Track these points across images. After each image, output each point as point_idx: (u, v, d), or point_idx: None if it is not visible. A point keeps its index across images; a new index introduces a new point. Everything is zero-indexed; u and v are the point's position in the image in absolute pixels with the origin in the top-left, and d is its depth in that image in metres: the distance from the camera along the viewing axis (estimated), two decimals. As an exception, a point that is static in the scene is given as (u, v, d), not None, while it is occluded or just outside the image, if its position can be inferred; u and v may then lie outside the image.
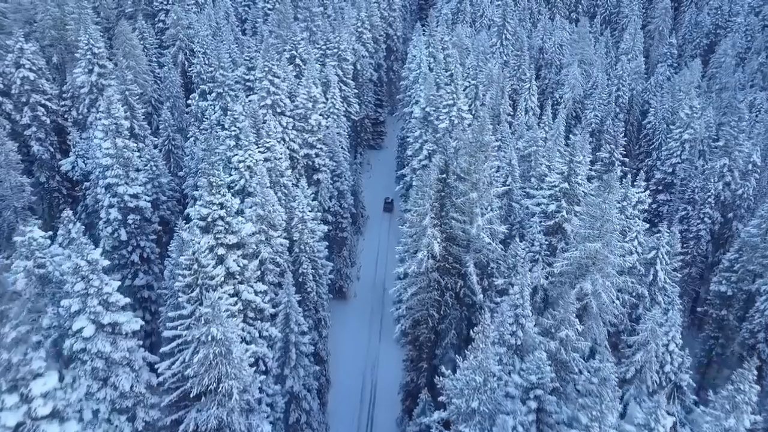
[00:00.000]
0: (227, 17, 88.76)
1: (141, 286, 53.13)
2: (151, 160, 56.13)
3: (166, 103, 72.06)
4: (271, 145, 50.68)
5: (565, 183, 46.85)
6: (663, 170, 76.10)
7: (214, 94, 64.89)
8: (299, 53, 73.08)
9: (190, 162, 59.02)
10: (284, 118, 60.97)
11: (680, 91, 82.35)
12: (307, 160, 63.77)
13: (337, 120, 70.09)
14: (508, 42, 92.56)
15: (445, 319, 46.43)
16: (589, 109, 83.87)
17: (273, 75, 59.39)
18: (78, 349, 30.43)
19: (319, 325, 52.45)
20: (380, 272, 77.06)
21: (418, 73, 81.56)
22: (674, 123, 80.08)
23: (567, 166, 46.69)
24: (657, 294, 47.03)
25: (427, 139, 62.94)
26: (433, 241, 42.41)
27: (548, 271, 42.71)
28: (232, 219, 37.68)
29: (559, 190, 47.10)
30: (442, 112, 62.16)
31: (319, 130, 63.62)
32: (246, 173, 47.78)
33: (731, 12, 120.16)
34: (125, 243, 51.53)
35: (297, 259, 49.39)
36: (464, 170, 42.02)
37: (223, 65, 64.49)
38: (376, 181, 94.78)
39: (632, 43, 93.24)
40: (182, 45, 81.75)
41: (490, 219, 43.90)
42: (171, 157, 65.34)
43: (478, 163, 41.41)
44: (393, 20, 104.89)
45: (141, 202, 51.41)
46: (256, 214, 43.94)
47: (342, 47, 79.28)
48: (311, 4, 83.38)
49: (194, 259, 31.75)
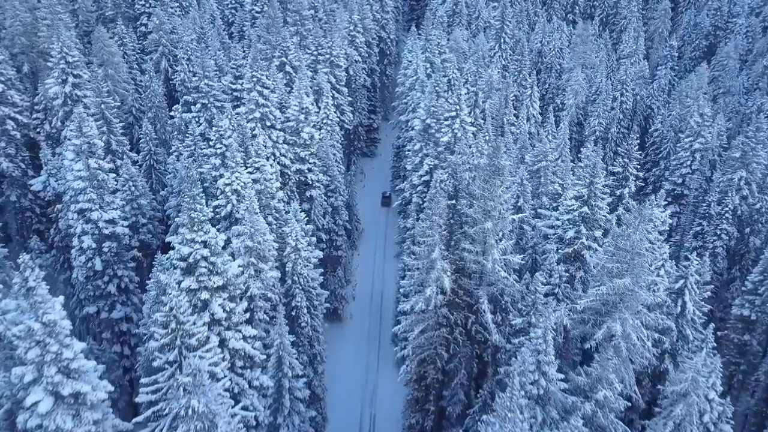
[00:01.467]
0: (213, 20, 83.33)
1: (119, 318, 47.97)
2: (130, 179, 50.87)
3: (147, 113, 66.70)
4: (260, 165, 45.55)
5: (585, 207, 42.08)
6: (672, 181, 71.70)
7: (198, 105, 59.55)
8: (289, 60, 67.85)
9: (173, 180, 53.81)
10: (274, 132, 55.85)
11: (687, 97, 77.92)
12: (299, 175, 58.68)
13: (330, 131, 65.04)
14: (506, 45, 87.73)
15: (454, 358, 41.59)
16: (593, 116, 79.35)
17: (262, 86, 54.22)
18: (33, 425, 25.28)
19: (315, 361, 47.48)
20: (377, 288, 72.20)
21: (415, 79, 76.56)
22: (682, 131, 75.73)
23: (587, 189, 41.92)
24: (685, 327, 42.37)
25: (428, 153, 57.97)
26: (443, 275, 37.51)
27: (570, 307, 37.94)
28: (217, 258, 32.61)
29: (578, 214, 42.35)
30: (444, 125, 57.22)
31: (311, 143, 58.54)
32: (233, 198, 42.65)
33: (731, 13, 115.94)
34: (100, 273, 46.31)
35: (289, 291, 44.37)
36: (477, 197, 37.12)
37: (208, 74, 59.18)
38: (370, 190, 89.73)
39: (635, 46, 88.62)
40: (165, 51, 76.28)
41: (505, 248, 39.08)
42: (153, 172, 60.07)
43: (493, 189, 36.52)
44: (386, 22, 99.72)
45: (118, 227, 46.19)
46: (245, 245, 38.86)
47: (335, 53, 74.11)
48: (301, 7, 78.09)
49: (172, 316, 26.62)
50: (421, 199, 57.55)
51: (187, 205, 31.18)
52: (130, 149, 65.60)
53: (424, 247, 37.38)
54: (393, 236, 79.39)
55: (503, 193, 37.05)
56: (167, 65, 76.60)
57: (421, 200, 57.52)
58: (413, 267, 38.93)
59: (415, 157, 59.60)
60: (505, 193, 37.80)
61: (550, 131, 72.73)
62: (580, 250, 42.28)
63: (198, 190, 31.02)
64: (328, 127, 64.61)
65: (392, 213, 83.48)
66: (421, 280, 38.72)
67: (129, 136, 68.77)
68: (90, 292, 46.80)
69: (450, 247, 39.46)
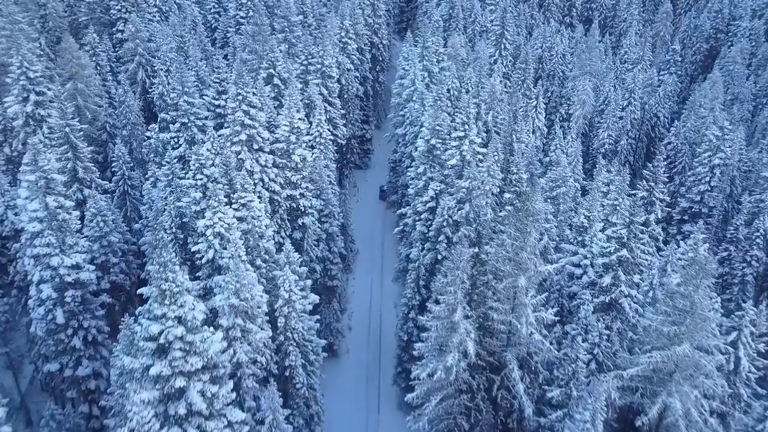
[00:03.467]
0: (194, 27, 76.00)
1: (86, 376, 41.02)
2: (99, 213, 43.75)
3: (122, 131, 59.50)
4: (247, 201, 38.69)
5: (624, 250, 35.70)
6: (689, 198, 65.65)
7: (177, 125, 52.56)
8: (278, 71, 60.89)
9: (148, 212, 46.80)
10: (263, 155, 49.00)
11: (701, 107, 71.97)
12: (290, 202, 51.90)
13: (324, 150, 58.22)
14: (507, 52, 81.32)
15: (475, 427, 35.08)
16: (602, 128, 73.13)
17: (248, 104, 47.29)
18: None
19: (312, 423, 40.80)
20: (375, 316, 65.58)
21: (413, 90, 69.93)
22: (697, 143, 69.75)
23: (626, 229, 35.54)
24: (738, 386, 36.23)
25: (433, 177, 51.32)
26: (467, 339, 30.97)
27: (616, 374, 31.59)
28: (195, 335, 25.81)
29: (615, 258, 35.98)
30: (451, 146, 50.63)
31: (303, 166, 51.77)
32: (215, 242, 35.75)
33: (732, 15, 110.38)
34: (63, 326, 39.34)
35: (282, 347, 37.66)
36: (506, 247, 30.62)
37: (188, 90, 52.18)
38: (364, 205, 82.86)
39: (641, 52, 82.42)
40: (142, 61, 68.96)
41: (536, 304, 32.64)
42: (127, 199, 52.91)
43: (525, 237, 30.04)
44: (378, 27, 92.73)
45: (83, 273, 39.20)
46: (229, 304, 32.11)
47: (326, 62, 67.18)
48: (289, 13, 71.10)
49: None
50: (427, 228, 51.01)
51: (157, 275, 24.38)
52: (104, 169, 58.63)
53: (444, 306, 30.81)
54: (390, 251, 73.12)
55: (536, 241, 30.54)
56: (145, 76, 69.32)
57: (427, 229, 51.00)
58: (431, 327, 32.31)
59: (419, 181, 52.97)
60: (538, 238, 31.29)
61: (558, 145, 66.51)
62: (618, 298, 35.94)
63: (170, 255, 24.20)
64: (321, 146, 57.80)
65: (388, 216, 77.95)
66: (440, 342, 32.18)
67: (103, 154, 61.83)
68: (51, 347, 39.82)
69: (472, 301, 32.95)
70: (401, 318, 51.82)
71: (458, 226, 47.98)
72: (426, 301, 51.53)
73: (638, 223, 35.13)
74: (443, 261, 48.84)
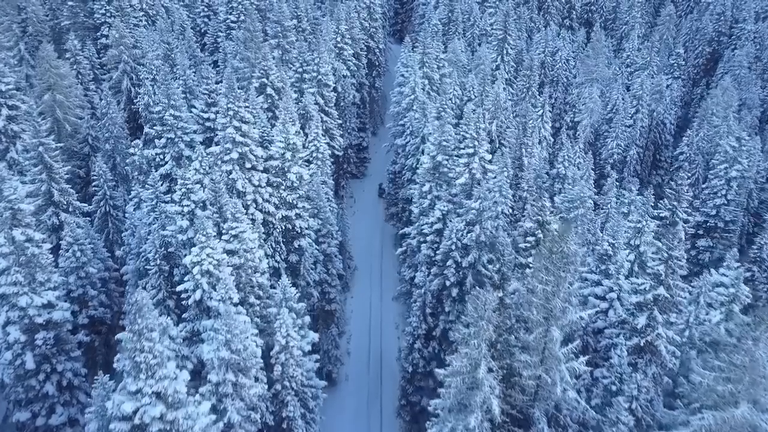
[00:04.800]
0: (183, 31, 71.33)
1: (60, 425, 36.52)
2: (75, 242, 39.24)
3: (105, 145, 54.92)
4: (238, 231, 34.24)
5: (661, 288, 31.55)
6: (705, 212, 61.74)
7: (163, 140, 48.03)
8: (271, 81, 56.36)
9: (130, 238, 42.30)
10: (256, 174, 44.52)
11: (714, 115, 68.04)
12: (285, 223, 47.47)
13: (321, 165, 53.80)
14: (509, 57, 77.04)
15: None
16: (611, 137, 69.04)
17: (240, 120, 42.76)
18: None
19: (312, 474, 36.55)
20: (375, 338, 61.24)
21: (413, 98, 65.54)
22: (709, 153, 65.89)
23: (663, 265, 31.41)
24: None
25: (440, 196, 47.02)
26: (491, 397, 26.73)
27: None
28: (177, 411, 21.44)
29: (651, 297, 31.83)
30: (459, 163, 46.35)
31: (300, 185, 47.36)
32: (203, 281, 31.29)
33: (734, 18, 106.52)
34: (34, 371, 34.84)
35: (278, 396, 33.32)
36: (537, 293, 26.38)
37: (175, 103, 47.65)
38: (362, 216, 78.37)
39: (648, 57, 78.32)
40: (127, 68, 64.23)
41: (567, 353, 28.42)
42: (109, 221, 48.47)
43: (559, 283, 25.83)
44: (374, 31, 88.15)
45: (56, 313, 34.73)
46: (219, 357, 27.72)
47: (322, 70, 62.65)
48: (283, 17, 66.50)
49: None
50: (433, 251, 46.72)
51: (131, 344, 19.99)
52: (87, 184, 54.08)
53: (467, 361, 26.50)
54: (389, 265, 69.00)
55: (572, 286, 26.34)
56: (130, 85, 64.61)
57: (433, 252, 46.69)
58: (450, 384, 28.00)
59: (423, 200, 48.66)
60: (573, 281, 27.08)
61: (566, 156, 62.34)
62: (654, 340, 31.82)
63: (147, 320, 19.79)
64: (319, 161, 53.38)
65: (387, 229, 74.46)
66: (460, 398, 27.87)
67: (85, 169, 57.27)
68: (21, 395, 35.33)
69: (495, 350, 28.72)
70: (406, 348, 47.57)
71: (468, 250, 43.78)
72: (433, 330, 47.40)
73: (677, 258, 31.05)
74: (451, 288, 44.85)
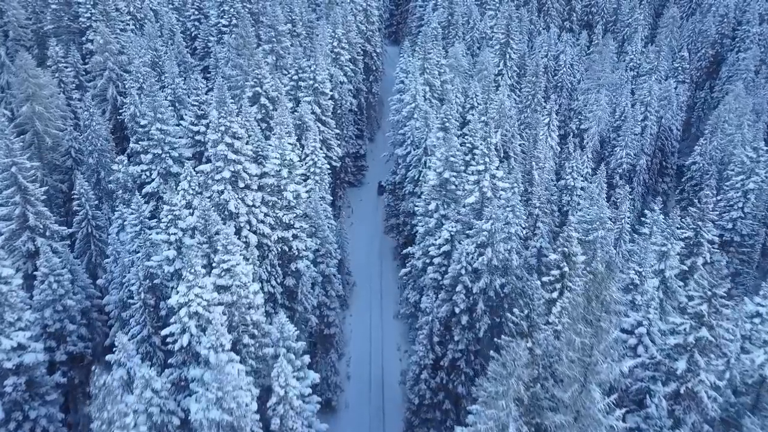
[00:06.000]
0: (172, 36, 67.35)
1: (35, 478, 32.74)
2: (51, 272, 35.37)
3: (88, 159, 50.99)
4: (231, 265, 30.48)
5: (703, 329, 28.05)
6: (720, 225, 58.33)
7: (150, 156, 44.18)
8: (265, 90, 52.60)
9: (113, 265, 38.49)
10: (250, 194, 40.74)
11: (726, 123, 64.71)
12: (281, 245, 43.74)
13: (319, 181, 50.08)
14: (512, 62, 73.48)
15: None
16: (620, 146, 65.59)
17: (232, 136, 38.96)
18: None
19: None
20: (375, 359, 57.46)
21: (414, 107, 61.83)
22: (723, 163, 62.56)
23: (706, 304, 27.89)
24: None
25: (447, 215, 43.43)
26: (520, 466, 23.15)
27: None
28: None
29: (693, 339, 28.32)
30: (469, 181, 42.71)
31: (297, 204, 43.65)
32: (191, 324, 27.57)
33: (738, 20, 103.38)
34: (3, 421, 31.03)
35: (278, 448, 29.65)
36: (574, 346, 22.81)
37: (162, 116, 43.80)
38: (359, 227, 74.52)
39: (656, 62, 74.88)
40: (113, 76, 60.18)
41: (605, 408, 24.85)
42: (91, 243, 44.63)
43: (599, 335, 22.27)
44: (371, 34, 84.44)
45: (28, 355, 30.94)
46: (209, 418, 24.01)
47: (319, 78, 58.82)
48: (277, 21, 62.62)
49: None
50: (441, 275, 43.18)
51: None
52: (70, 200, 50.01)
53: (493, 424, 22.89)
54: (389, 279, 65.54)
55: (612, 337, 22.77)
56: (116, 93, 60.56)
57: (441, 276, 43.15)
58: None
59: (429, 218, 45.00)
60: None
61: (574, 167, 58.95)
62: (695, 386, 28.31)
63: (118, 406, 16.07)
64: (317, 177, 49.65)
65: (386, 241, 70.65)
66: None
67: (68, 183, 53.33)
68: (-10, 447, 31.56)
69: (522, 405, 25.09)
70: (411, 378, 44.03)
71: (479, 274, 40.26)
72: (441, 359, 43.83)
73: (720, 296, 27.60)
74: (461, 315, 41.29)
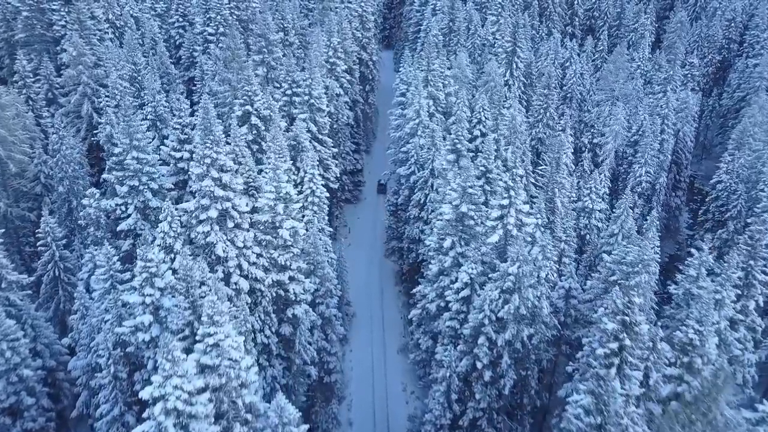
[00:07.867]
0: (154, 46, 61.20)
1: None
2: (4, 339, 29.34)
3: (58, 186, 44.88)
4: (218, 339, 24.56)
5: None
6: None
7: (125, 188, 38.13)
8: (256, 108, 46.69)
9: (80, 324, 32.47)
10: (240, 234, 34.87)
11: (752, 137, 59.48)
12: (277, 289, 37.86)
13: (318, 211, 44.26)
14: (519, 72, 67.93)
15: None
16: (638, 163, 60.19)
17: (219, 169, 33.07)
18: None
19: None
20: (379, 400, 51.72)
21: (417, 122, 56.12)
22: (752, 181, 57.33)
23: None
24: None
25: (465, 254, 37.72)
26: None
27: None
28: None
29: None
30: (490, 218, 36.96)
31: (295, 242, 37.77)
32: (168, 424, 21.71)
33: (746, 25, 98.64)
34: None
35: None
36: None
37: (139, 143, 37.79)
38: (357, 248, 68.58)
39: (672, 71, 69.55)
40: (88, 91, 53.91)
41: None
42: (59, 286, 38.58)
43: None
44: (367, 42, 78.58)
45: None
46: None
47: (314, 93, 52.88)
48: (268, 30, 56.61)
49: None
50: (459, 323, 37.48)
51: None
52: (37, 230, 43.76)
53: None
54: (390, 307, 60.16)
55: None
56: (92, 109, 54.36)
57: (459, 324, 37.46)
58: None
59: (444, 256, 39.25)
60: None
61: (592, 188, 53.55)
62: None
63: None
64: (315, 207, 43.81)
65: (386, 265, 65.87)
66: None
67: (37, 212, 47.20)
68: None
69: None
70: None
71: (504, 324, 34.69)
72: (459, 419, 38.22)
73: None
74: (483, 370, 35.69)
